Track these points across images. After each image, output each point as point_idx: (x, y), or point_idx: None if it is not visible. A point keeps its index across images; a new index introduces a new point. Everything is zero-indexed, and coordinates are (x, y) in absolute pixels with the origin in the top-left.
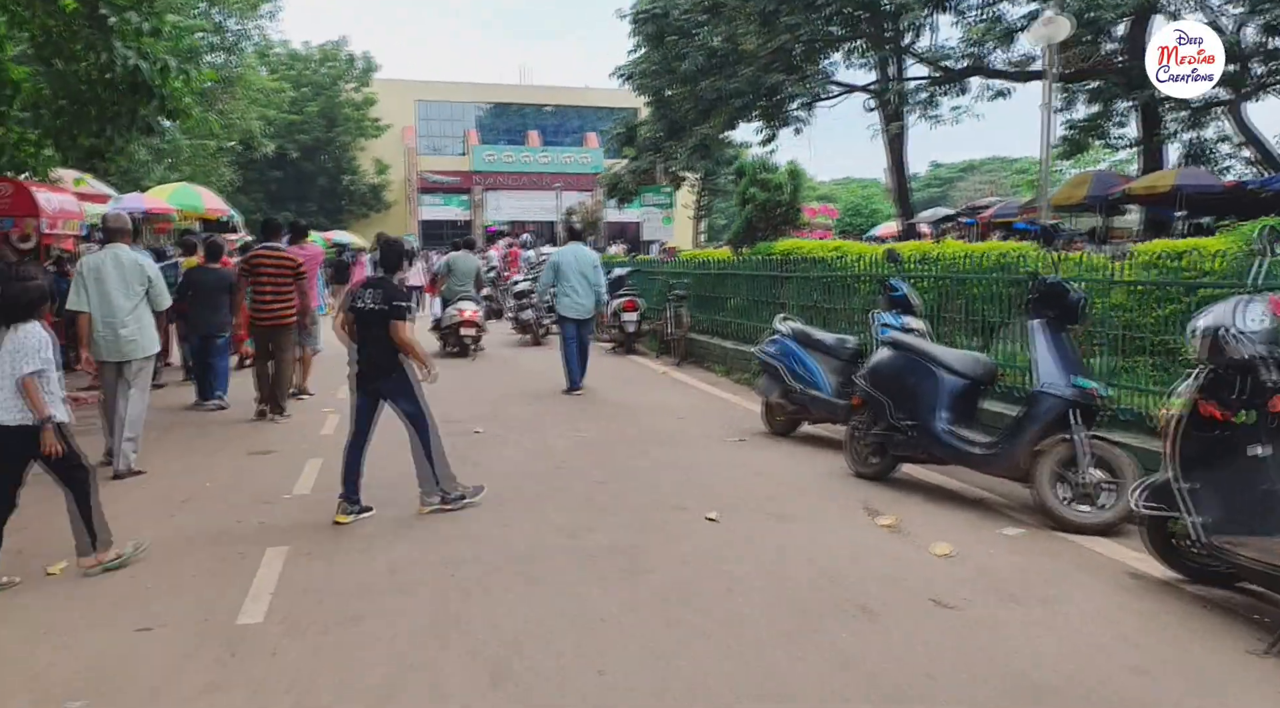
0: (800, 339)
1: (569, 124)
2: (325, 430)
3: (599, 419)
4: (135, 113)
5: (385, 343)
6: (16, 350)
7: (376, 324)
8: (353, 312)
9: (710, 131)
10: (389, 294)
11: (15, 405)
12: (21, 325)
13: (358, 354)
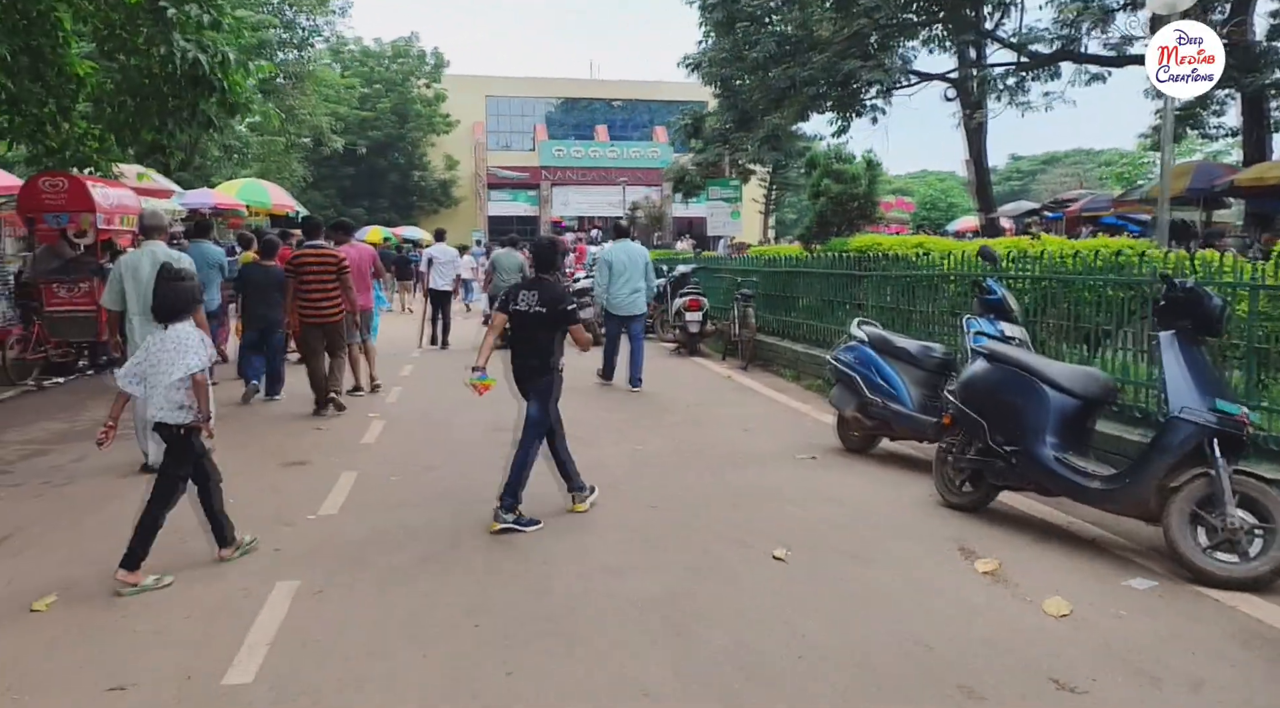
0: (880, 346)
1: (638, 118)
2: (367, 438)
3: (659, 431)
4: (195, 107)
5: (542, 346)
6: (176, 350)
7: (535, 327)
8: (508, 313)
9: (781, 122)
10: (551, 296)
11: (172, 402)
12: (175, 325)
13: (511, 357)
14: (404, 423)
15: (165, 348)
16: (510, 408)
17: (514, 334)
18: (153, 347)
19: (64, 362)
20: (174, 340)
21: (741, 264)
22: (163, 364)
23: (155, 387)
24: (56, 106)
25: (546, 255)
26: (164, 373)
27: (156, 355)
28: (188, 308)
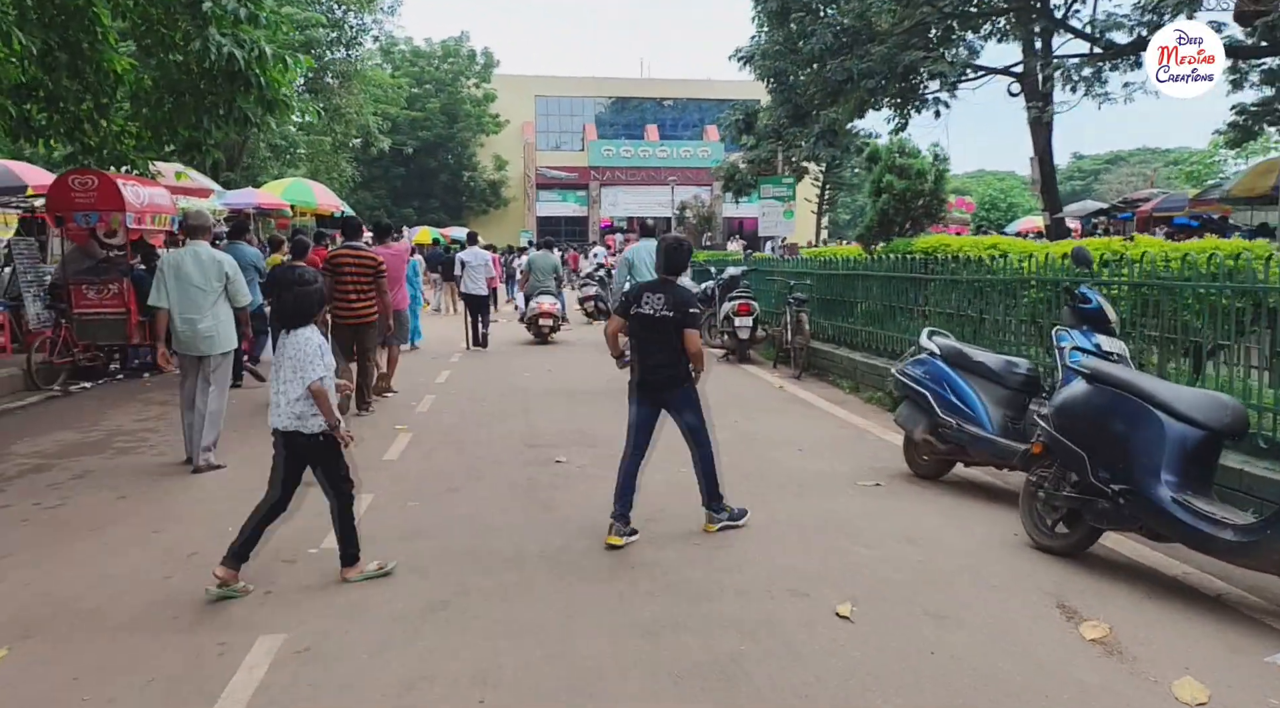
0: (954, 360)
1: (688, 117)
2: (389, 454)
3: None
4: (232, 104)
5: (675, 351)
6: (297, 357)
7: (664, 331)
8: (633, 317)
9: (838, 116)
10: (679, 300)
11: (292, 412)
12: (299, 331)
13: (640, 362)
14: (431, 436)
15: (286, 354)
16: (544, 419)
17: (638, 339)
18: (279, 349)
19: (92, 366)
20: (294, 348)
21: (795, 266)
22: (284, 372)
23: (280, 393)
24: (94, 104)
25: (676, 256)
26: (286, 383)
27: (279, 360)
28: (311, 313)
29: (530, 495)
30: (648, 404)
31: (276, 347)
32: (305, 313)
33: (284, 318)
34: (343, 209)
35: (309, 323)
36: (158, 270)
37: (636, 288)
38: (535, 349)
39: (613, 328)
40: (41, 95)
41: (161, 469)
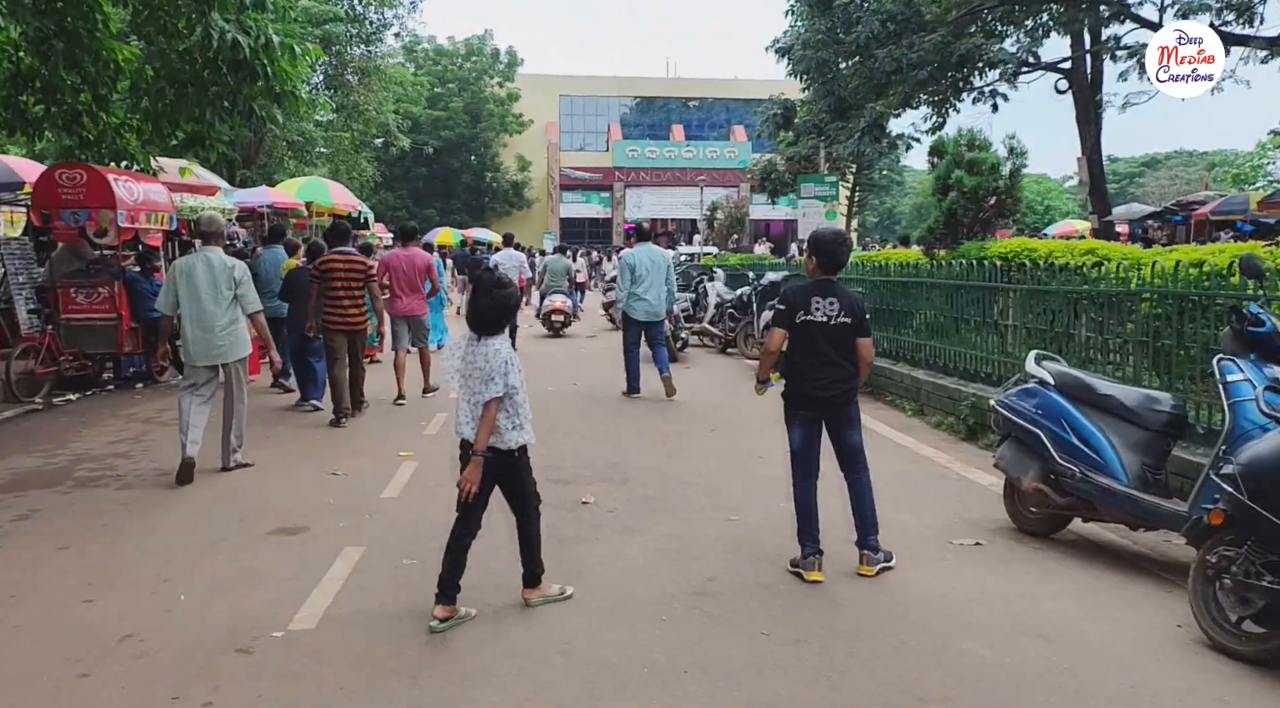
0: (1074, 393)
1: (715, 118)
2: (389, 491)
3: (756, 490)
4: (237, 95)
5: (850, 363)
6: (483, 369)
7: (840, 341)
8: (790, 325)
9: (884, 109)
10: (853, 302)
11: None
12: (490, 340)
13: (805, 378)
14: (439, 466)
15: (476, 364)
16: (568, 444)
17: (803, 352)
18: (469, 355)
19: (81, 375)
20: (483, 358)
21: (843, 273)
22: (473, 383)
23: (471, 402)
24: (93, 95)
25: (837, 252)
26: (477, 394)
27: (466, 368)
28: (506, 319)
29: (553, 553)
30: (808, 423)
31: (464, 355)
32: (499, 320)
33: (477, 323)
34: (360, 209)
35: (501, 330)
36: (167, 276)
37: (798, 293)
38: (555, 352)
39: (777, 343)
40: (38, 86)
41: (122, 508)
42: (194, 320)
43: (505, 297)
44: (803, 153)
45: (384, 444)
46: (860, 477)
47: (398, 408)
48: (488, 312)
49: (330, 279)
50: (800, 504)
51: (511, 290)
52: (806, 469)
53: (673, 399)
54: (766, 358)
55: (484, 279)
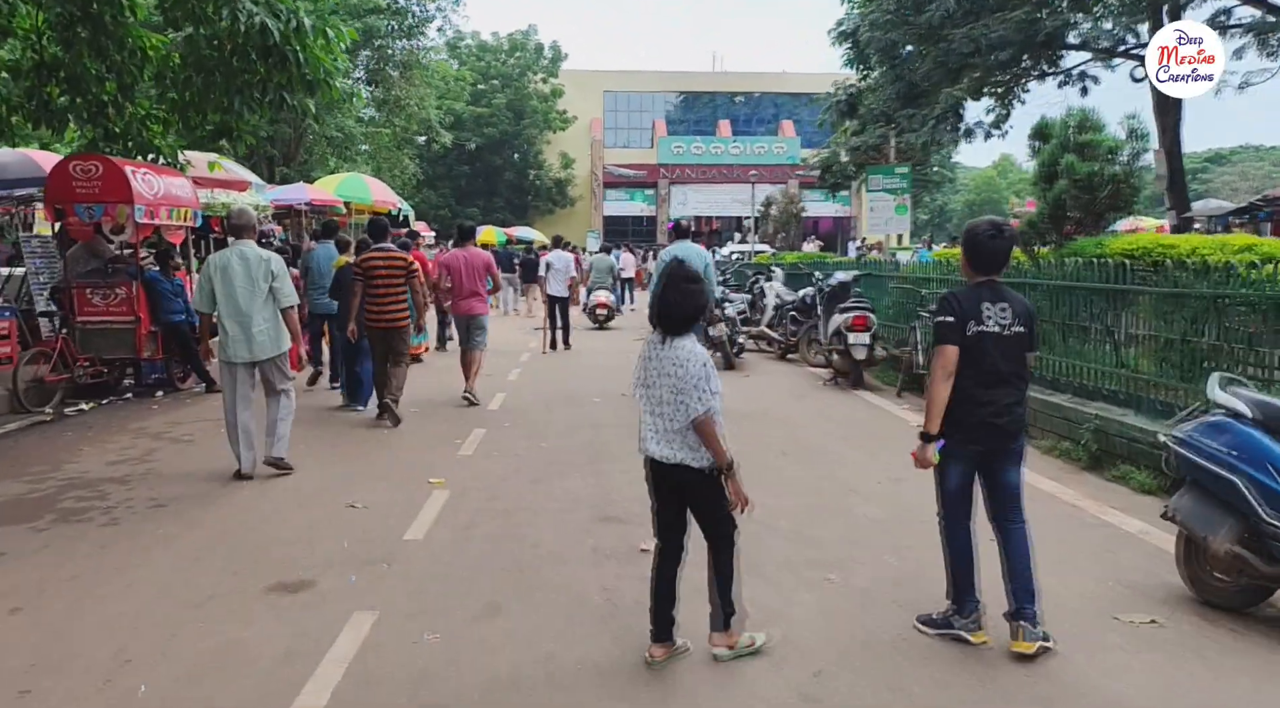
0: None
1: (762, 113)
2: (413, 531)
3: (862, 536)
4: (268, 83)
5: (1023, 381)
6: (680, 378)
7: (1014, 355)
8: (963, 340)
9: (961, 95)
10: (1026, 308)
11: (680, 441)
12: (679, 342)
13: (975, 402)
14: (472, 500)
15: (663, 370)
16: (619, 471)
17: (968, 369)
18: (653, 359)
19: (95, 383)
20: (674, 364)
21: (928, 272)
22: (660, 392)
23: (657, 415)
24: (119, 85)
25: (993, 248)
26: (665, 405)
27: (651, 375)
28: (699, 317)
29: (606, 623)
30: (971, 457)
31: (646, 359)
32: (690, 317)
33: (664, 321)
34: (399, 206)
35: (691, 330)
36: (202, 273)
37: (965, 299)
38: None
39: (952, 362)
40: (62, 76)
41: (99, 552)
42: (231, 317)
43: (697, 292)
44: (870, 142)
45: (413, 466)
46: (1019, 527)
47: (435, 421)
48: (678, 308)
49: (372, 277)
50: (958, 551)
51: (702, 286)
52: (966, 509)
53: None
54: (941, 389)
55: (675, 272)
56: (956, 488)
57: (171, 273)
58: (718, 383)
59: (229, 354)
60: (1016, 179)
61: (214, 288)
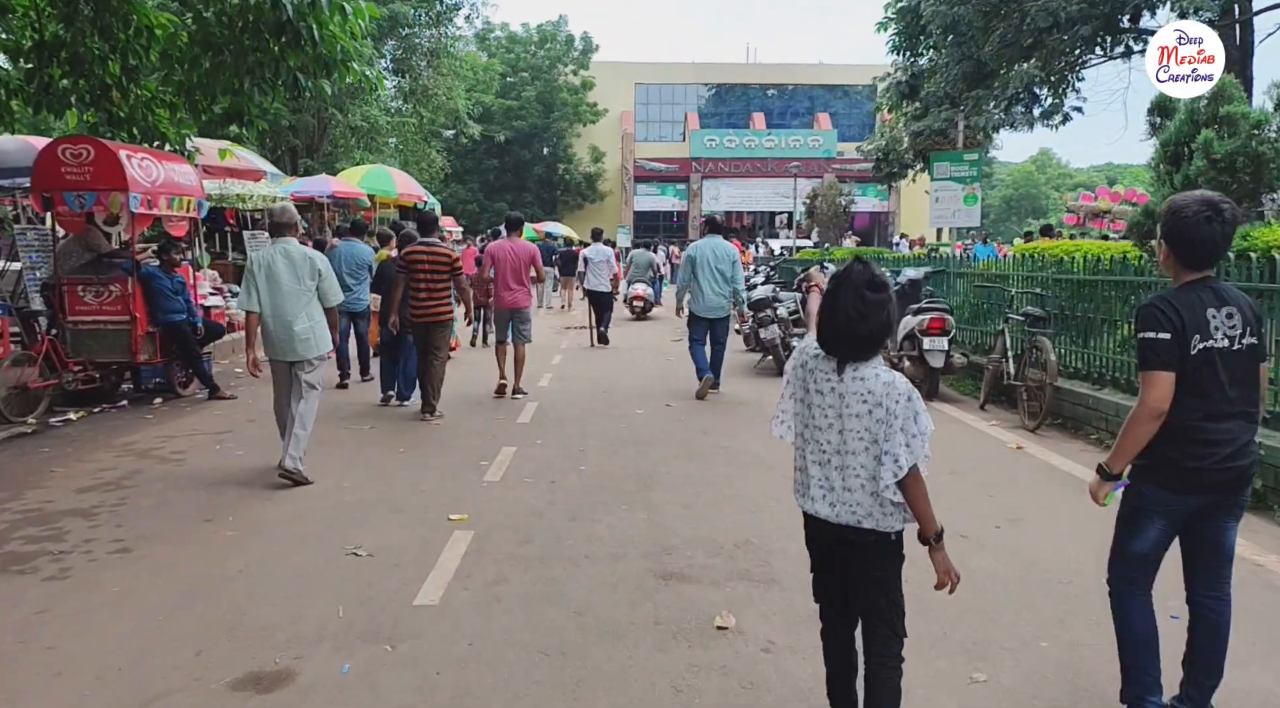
0: None
1: (797, 105)
2: (426, 594)
3: (969, 612)
4: (280, 63)
5: (1254, 408)
6: (876, 420)
7: (1245, 374)
8: (1192, 359)
9: (1037, 73)
10: (1255, 312)
11: (866, 500)
12: (867, 369)
13: (1208, 439)
14: (499, 543)
15: (849, 409)
16: (674, 500)
17: (1189, 397)
18: (820, 389)
19: (87, 389)
20: (860, 401)
21: (1016, 268)
22: (844, 434)
23: (835, 466)
24: (123, 66)
25: (1209, 233)
26: (850, 455)
27: (829, 417)
28: (886, 334)
29: None
30: (1182, 517)
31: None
32: (877, 336)
33: (842, 342)
34: (425, 199)
35: (877, 353)
36: (246, 272)
37: (1181, 305)
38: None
39: (1165, 396)
40: (64, 57)
41: (35, 621)
42: (274, 316)
43: (883, 302)
44: (934, 126)
45: (432, 495)
46: (1223, 603)
47: (461, 433)
48: (861, 324)
49: (415, 271)
50: (1138, 632)
51: (884, 296)
52: (1151, 576)
53: None
54: (1145, 429)
55: (854, 274)
56: (1150, 550)
57: (172, 268)
58: (928, 420)
59: (273, 354)
60: (1055, 174)
61: (258, 287)
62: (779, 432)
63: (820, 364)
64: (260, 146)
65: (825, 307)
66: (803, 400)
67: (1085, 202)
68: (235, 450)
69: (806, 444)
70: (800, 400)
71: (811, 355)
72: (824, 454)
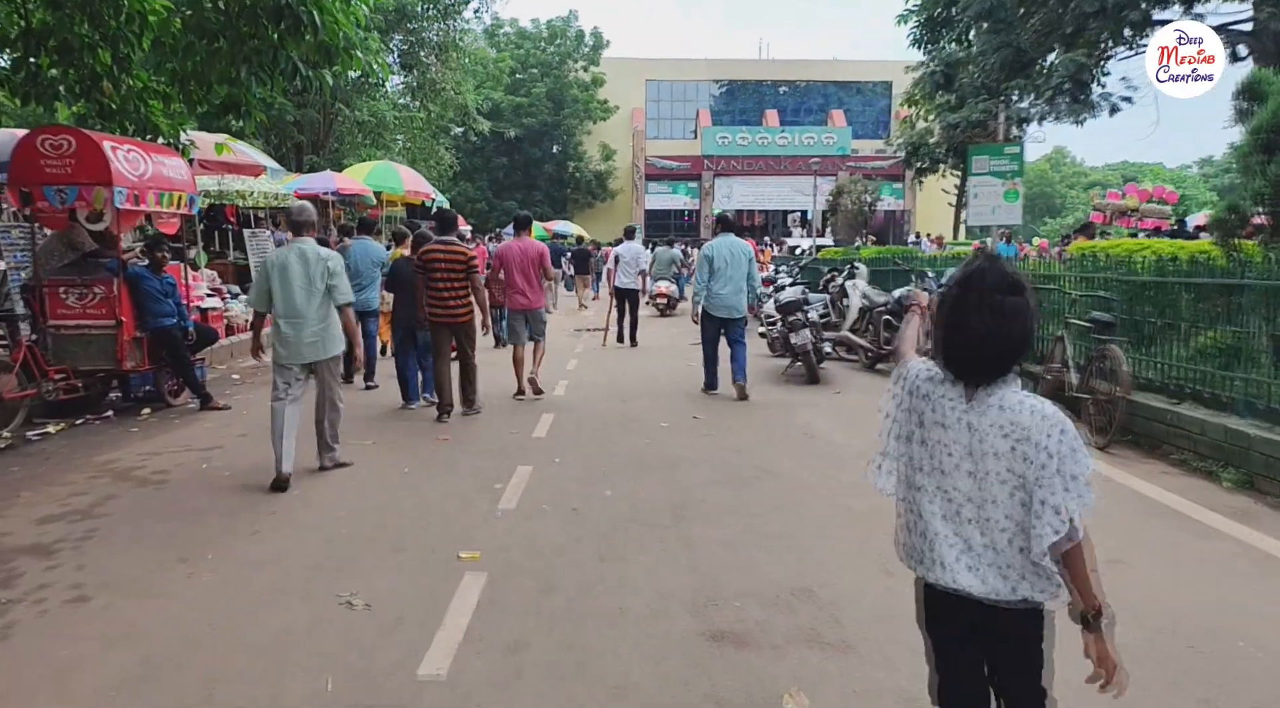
0: None
1: (810, 102)
2: (431, 661)
3: None
4: (278, 50)
5: None
6: (1024, 462)
7: None
8: None
9: (1085, 60)
10: None
11: (1015, 563)
12: (1007, 394)
13: None
14: (518, 590)
15: (985, 446)
16: (713, 539)
17: None
18: (948, 429)
19: (70, 399)
20: (1001, 436)
21: (1083, 268)
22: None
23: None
24: (113, 55)
25: None
26: (988, 503)
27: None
28: (1025, 347)
29: None
30: None
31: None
32: (1016, 350)
33: (973, 361)
34: (433, 197)
35: (1014, 372)
36: (259, 271)
37: None
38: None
39: None
40: (52, 44)
41: None
42: (286, 317)
43: (1020, 308)
44: (971, 118)
45: (439, 527)
46: None
47: (472, 451)
48: (999, 339)
49: (432, 270)
50: None
51: (1031, 296)
52: None
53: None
54: None
55: (984, 274)
56: None
57: (160, 268)
58: (1088, 457)
59: (282, 356)
60: (1070, 172)
61: (271, 287)
62: (881, 482)
63: (941, 390)
64: (265, 143)
65: (948, 316)
66: (916, 438)
67: (1112, 199)
68: (223, 471)
69: (922, 494)
70: (911, 439)
71: (926, 379)
72: (953, 505)
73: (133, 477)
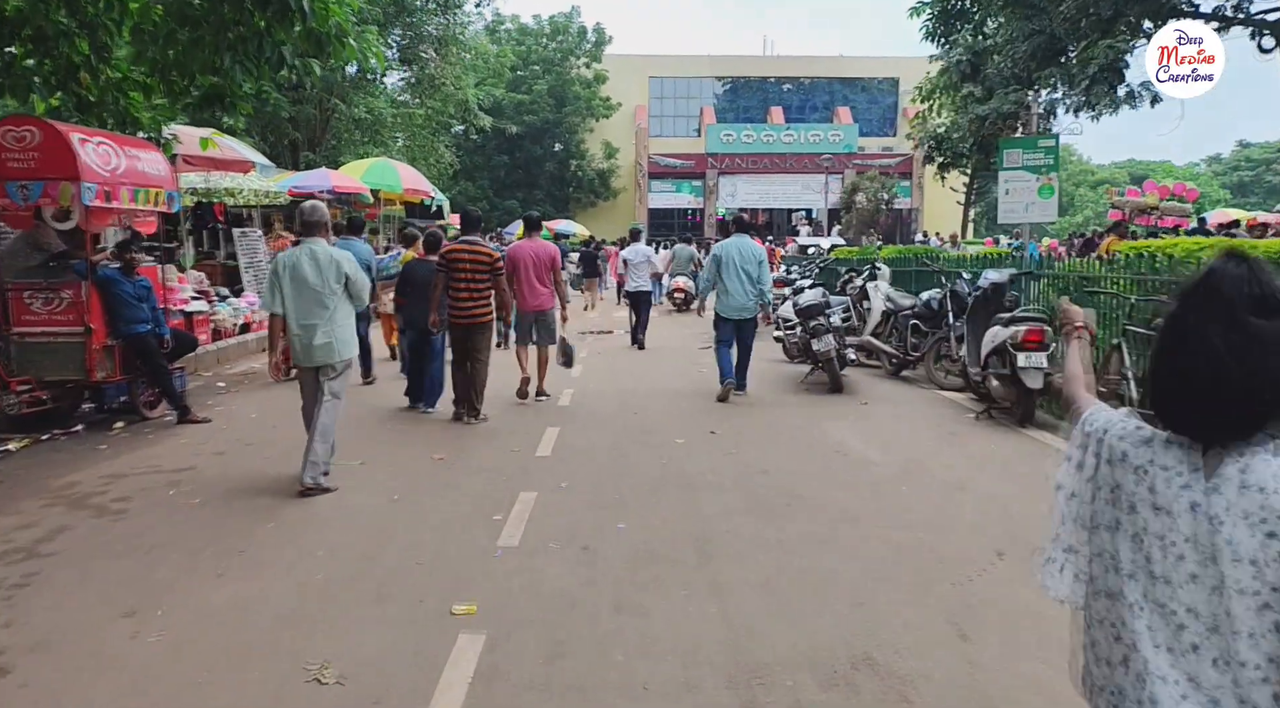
0: None
1: (816, 99)
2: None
3: None
4: (264, 38)
5: None
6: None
7: None
8: None
9: (1124, 46)
10: None
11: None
12: (1266, 463)
13: None
14: (521, 654)
15: (1237, 549)
16: (750, 587)
17: None
18: (1175, 515)
19: (34, 412)
20: (1250, 521)
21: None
22: (1229, 602)
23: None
24: (92, 44)
25: None
26: (1246, 640)
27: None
28: None
29: None
30: None
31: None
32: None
33: (1212, 406)
34: (432, 196)
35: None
36: (270, 273)
37: None
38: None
39: None
40: (27, 34)
41: None
42: (299, 320)
43: None
44: (1001, 110)
45: (429, 570)
46: None
47: (471, 469)
48: (1247, 374)
49: (455, 270)
50: None
51: None
52: None
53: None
54: None
55: (1227, 281)
56: None
57: (132, 270)
58: None
59: (298, 360)
60: (1077, 170)
61: (282, 289)
62: (1056, 586)
63: (1156, 456)
64: (260, 139)
65: (1168, 343)
66: (1117, 529)
67: (1131, 197)
68: (191, 497)
69: (1128, 609)
70: (1107, 528)
71: (1132, 441)
72: (1179, 629)
73: (90, 504)
